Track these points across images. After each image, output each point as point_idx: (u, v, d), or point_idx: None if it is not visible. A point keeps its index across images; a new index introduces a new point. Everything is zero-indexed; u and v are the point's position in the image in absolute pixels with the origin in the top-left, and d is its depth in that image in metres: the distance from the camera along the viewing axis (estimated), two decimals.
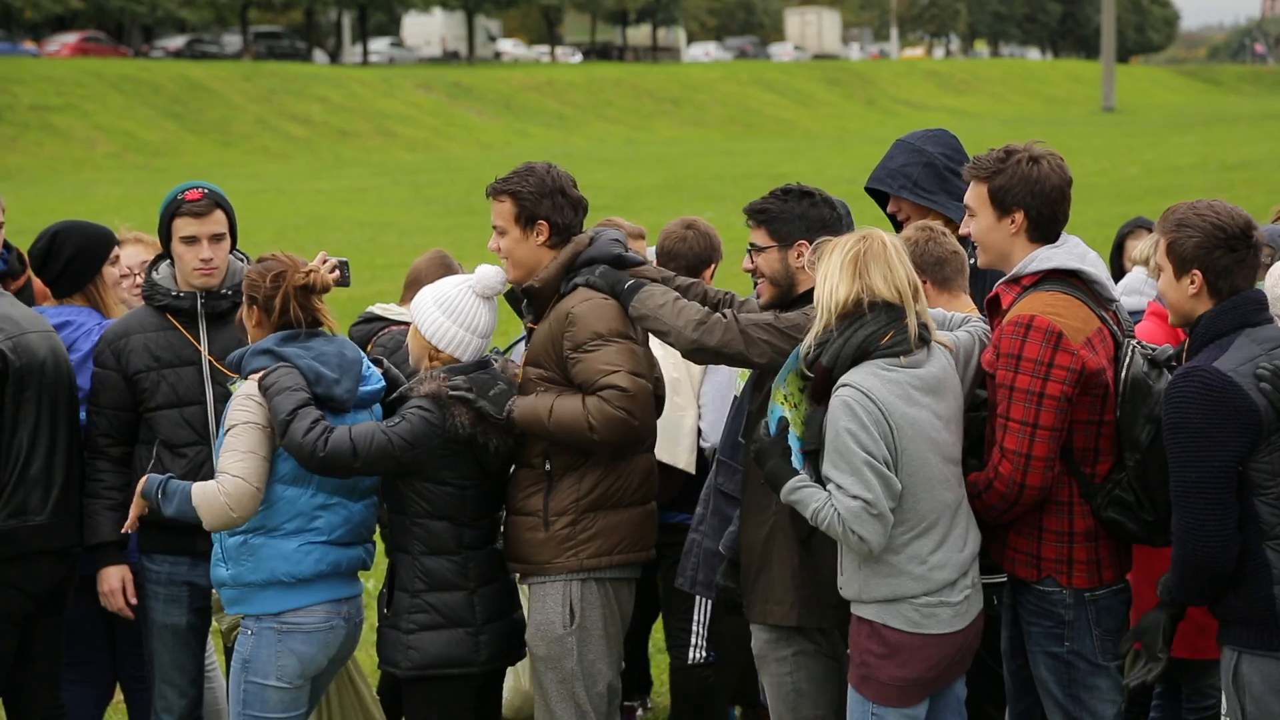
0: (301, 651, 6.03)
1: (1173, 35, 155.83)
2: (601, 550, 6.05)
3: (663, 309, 5.86)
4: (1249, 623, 5.25)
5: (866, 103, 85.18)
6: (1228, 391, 5.11)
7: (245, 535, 5.99)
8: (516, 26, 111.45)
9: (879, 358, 5.40)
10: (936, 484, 5.44)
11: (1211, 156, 46.22)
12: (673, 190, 38.49)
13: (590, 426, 5.85)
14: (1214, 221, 5.30)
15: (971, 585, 5.53)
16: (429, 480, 5.98)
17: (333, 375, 5.98)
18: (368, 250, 27.01)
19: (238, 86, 63.91)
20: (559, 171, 6.15)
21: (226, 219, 6.60)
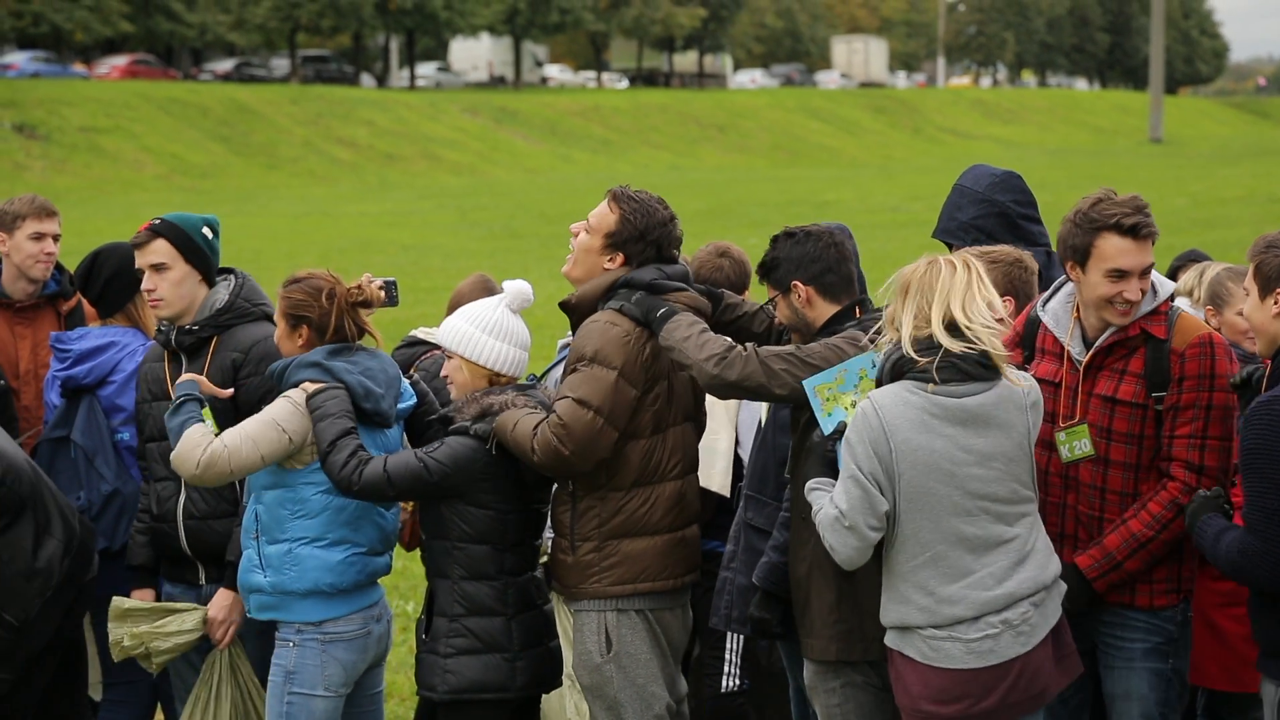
0: (345, 659, 6.10)
1: (1221, 67, 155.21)
2: (624, 579, 6.04)
3: (686, 342, 5.82)
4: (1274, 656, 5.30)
5: (912, 131, 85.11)
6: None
7: (290, 544, 6.06)
8: (563, 52, 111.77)
9: (910, 379, 5.37)
10: (947, 514, 5.35)
11: (1259, 189, 46.00)
12: (717, 217, 38.48)
13: (532, 448, 5.87)
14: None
15: (1002, 625, 5.39)
16: (471, 504, 5.98)
17: (380, 391, 6.08)
18: (412, 273, 27.08)
19: (285, 110, 64.22)
20: (670, 228, 6.10)
21: (174, 249, 6.45)
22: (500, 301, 6.21)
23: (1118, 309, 5.69)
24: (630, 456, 6.01)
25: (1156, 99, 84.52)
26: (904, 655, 5.45)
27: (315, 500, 6.05)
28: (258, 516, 6.14)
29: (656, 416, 6.06)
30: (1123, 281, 5.65)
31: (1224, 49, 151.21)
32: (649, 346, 5.99)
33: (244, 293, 6.50)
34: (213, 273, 6.55)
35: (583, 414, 5.87)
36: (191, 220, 6.52)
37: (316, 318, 6.13)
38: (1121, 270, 5.65)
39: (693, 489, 6.24)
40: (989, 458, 5.41)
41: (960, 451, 5.37)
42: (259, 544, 6.11)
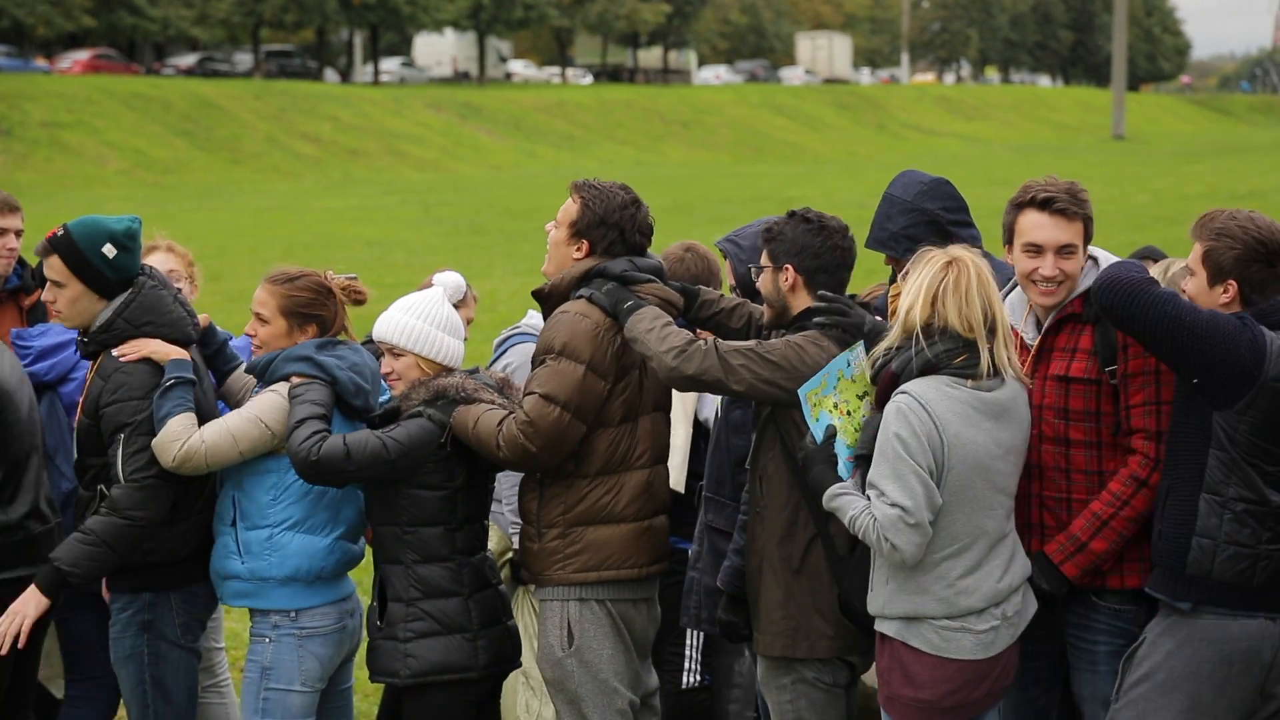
0: (321, 654, 6.11)
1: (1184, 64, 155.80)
2: (589, 565, 6.04)
3: (649, 334, 5.84)
4: (1162, 565, 5.46)
5: (877, 127, 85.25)
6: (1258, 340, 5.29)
7: (272, 529, 6.06)
8: (528, 48, 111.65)
9: (946, 374, 5.41)
10: (978, 508, 5.42)
11: (1221, 186, 46.19)
12: (681, 213, 38.49)
13: (498, 444, 5.88)
14: (1255, 235, 5.41)
15: (1002, 617, 5.48)
16: (419, 487, 5.98)
17: (369, 387, 6.12)
18: (376, 269, 27.01)
19: (248, 105, 64.01)
20: (635, 212, 6.11)
21: (66, 267, 6.18)
22: (441, 295, 6.21)
23: (1038, 288, 5.74)
24: (597, 445, 6.02)
25: (1119, 96, 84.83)
26: (908, 645, 5.46)
27: (299, 484, 6.05)
28: (236, 502, 6.12)
29: (626, 406, 6.06)
30: (1038, 258, 5.70)
31: (1186, 46, 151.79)
32: (619, 337, 6.00)
33: (128, 312, 6.20)
34: (111, 289, 6.23)
35: (550, 410, 5.88)
36: (95, 234, 6.19)
37: (329, 316, 6.20)
38: (1035, 245, 5.71)
39: (661, 479, 6.24)
40: (1009, 451, 5.50)
41: (994, 445, 5.45)
42: (236, 531, 6.10)
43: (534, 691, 7.11)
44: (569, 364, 5.92)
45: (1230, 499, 5.34)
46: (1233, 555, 5.35)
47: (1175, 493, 5.45)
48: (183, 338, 6.28)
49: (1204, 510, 5.37)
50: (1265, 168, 53.84)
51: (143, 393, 6.09)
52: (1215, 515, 5.35)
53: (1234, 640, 5.42)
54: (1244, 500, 5.34)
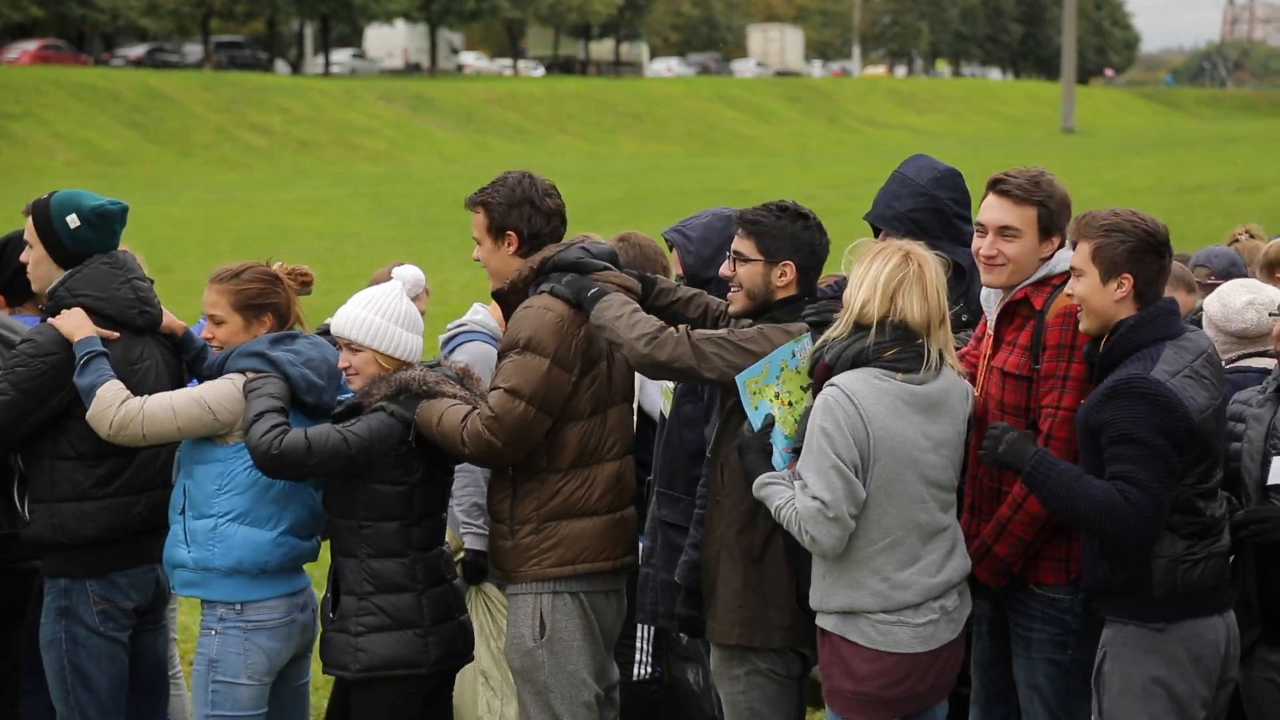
0: (268, 647, 6.09)
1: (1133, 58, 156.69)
2: (564, 559, 6.04)
3: (618, 321, 5.83)
4: (1124, 595, 5.44)
5: (828, 120, 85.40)
6: (1170, 400, 5.27)
7: (217, 520, 6.04)
8: (479, 39, 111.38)
9: (876, 366, 5.40)
10: (909, 502, 5.42)
11: (1169, 178, 46.48)
12: (633, 205, 38.51)
13: (463, 440, 5.88)
14: (1145, 228, 5.43)
15: (941, 611, 5.49)
16: (378, 481, 5.97)
17: (322, 384, 6.11)
18: (326, 261, 26.93)
19: (198, 96, 63.70)
20: (532, 181, 6.15)
21: (34, 229, 6.36)
22: (400, 289, 6.19)
23: (983, 265, 5.80)
24: (568, 439, 6.02)
25: (1069, 89, 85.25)
26: (846, 639, 5.47)
27: (244, 476, 6.03)
28: (186, 491, 6.11)
29: (595, 398, 6.07)
30: (983, 236, 5.76)
31: (1135, 40, 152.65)
32: (584, 330, 6.00)
33: (70, 281, 6.31)
34: (68, 258, 6.35)
35: (514, 405, 5.88)
36: (66, 204, 6.33)
37: (282, 303, 6.19)
38: (980, 224, 5.79)
39: (630, 470, 6.25)
40: (941, 444, 5.49)
41: (923, 438, 5.44)
42: (185, 519, 6.09)
43: (494, 691, 7.11)
44: (534, 358, 5.92)
45: (1175, 524, 5.38)
46: (1188, 569, 5.39)
47: None
48: (123, 320, 6.31)
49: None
50: (1212, 161, 54.19)
51: (41, 346, 6.15)
52: (1166, 539, 5.38)
53: (1200, 638, 5.47)
54: (1185, 521, 5.39)
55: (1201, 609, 5.45)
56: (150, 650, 6.63)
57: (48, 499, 6.31)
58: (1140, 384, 5.30)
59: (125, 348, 6.31)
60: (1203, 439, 5.36)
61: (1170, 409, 5.27)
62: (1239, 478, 5.74)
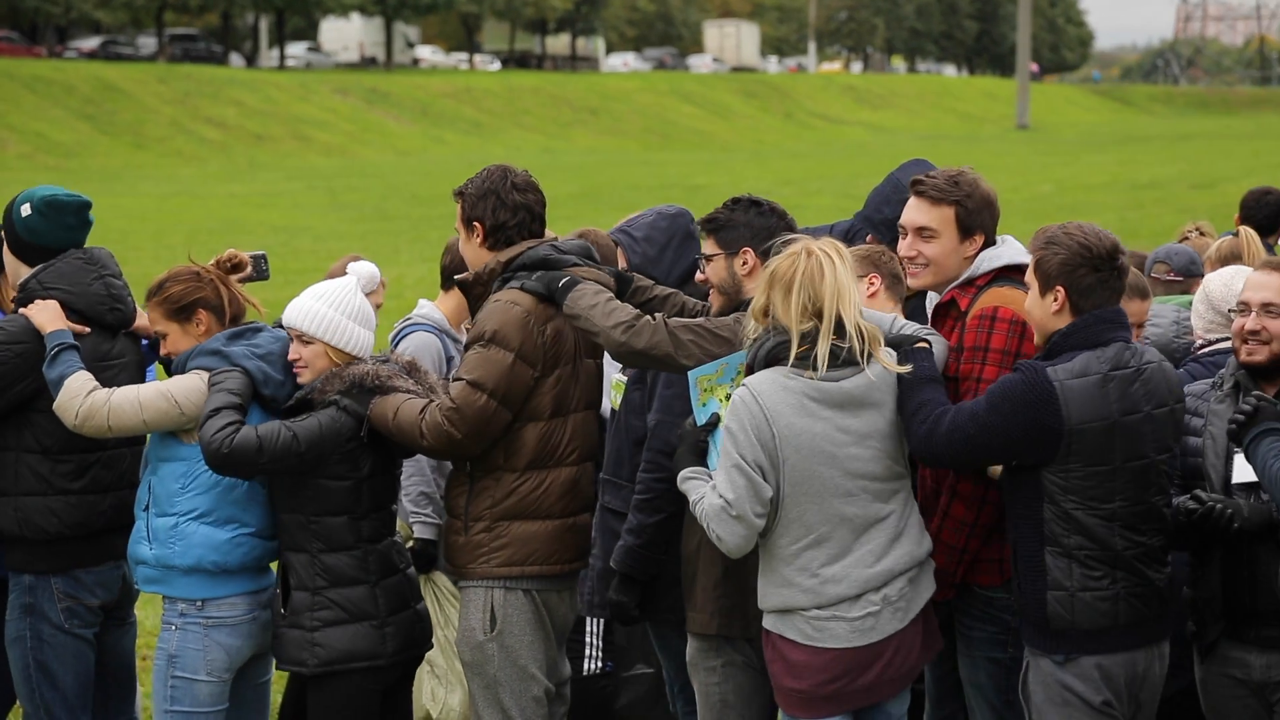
0: (228, 644, 6.06)
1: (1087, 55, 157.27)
2: (513, 560, 6.03)
3: (593, 310, 5.82)
4: (1030, 621, 5.50)
5: (784, 116, 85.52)
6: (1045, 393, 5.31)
7: (178, 518, 6.01)
8: (435, 33, 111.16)
9: (787, 364, 5.40)
10: (831, 496, 5.41)
11: (1123, 175, 46.72)
12: (589, 200, 38.50)
13: (421, 433, 5.87)
14: (1081, 241, 5.44)
15: (883, 602, 5.47)
16: (327, 477, 5.96)
17: (279, 376, 6.07)
18: (282, 255, 26.84)
19: (152, 89, 63.41)
20: (505, 175, 6.14)
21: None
22: (355, 284, 6.18)
23: (905, 267, 5.85)
24: (527, 439, 6.01)
25: (1023, 86, 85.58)
26: (784, 637, 5.48)
27: (207, 475, 6.00)
28: (150, 488, 6.09)
29: (557, 400, 6.05)
30: (904, 238, 5.82)
31: (1089, 37, 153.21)
32: (550, 327, 5.99)
33: (41, 274, 6.32)
34: (27, 251, 6.37)
35: (476, 397, 5.87)
36: (25, 195, 6.40)
37: (211, 297, 6.13)
38: (901, 225, 5.84)
39: (588, 476, 6.23)
40: (866, 437, 5.47)
41: (839, 433, 5.42)
42: (148, 516, 6.07)
43: (439, 680, 7.10)
44: (498, 351, 5.91)
45: (1073, 549, 5.40)
46: (1091, 601, 5.41)
47: (1021, 549, 5.48)
48: (94, 315, 6.31)
49: (1050, 564, 5.41)
50: (1165, 158, 54.51)
51: (10, 335, 6.16)
52: (1062, 568, 5.40)
53: (1126, 668, 5.52)
54: (1084, 548, 5.40)
55: (1111, 646, 5.46)
56: (117, 648, 6.60)
57: (12, 492, 6.28)
58: (1028, 370, 5.37)
59: (96, 344, 6.30)
60: (1088, 448, 5.35)
61: (1040, 402, 5.30)
62: (1201, 474, 5.73)
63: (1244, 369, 5.67)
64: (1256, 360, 5.62)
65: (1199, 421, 5.78)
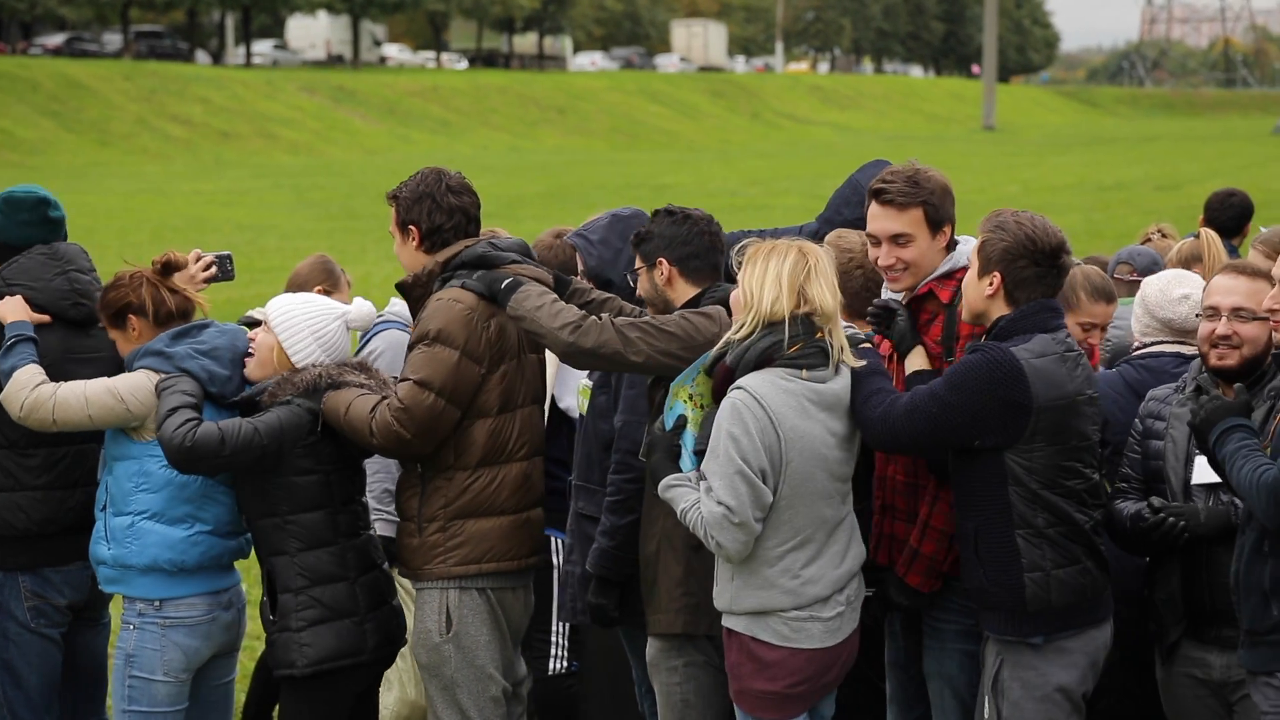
0: (186, 644, 6.03)
1: (1053, 56, 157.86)
2: (470, 558, 6.03)
3: (539, 311, 5.81)
4: (1000, 609, 5.47)
5: (751, 116, 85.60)
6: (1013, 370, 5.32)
7: (134, 518, 6.00)
8: (402, 31, 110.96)
9: (781, 366, 5.40)
10: (818, 499, 5.43)
11: (1088, 177, 46.89)
12: (556, 199, 38.48)
13: (371, 431, 5.87)
14: (1028, 233, 5.46)
15: (846, 602, 5.51)
16: (293, 474, 5.95)
17: (225, 372, 6.06)
18: (248, 253, 26.77)
19: (118, 86, 63.18)
20: (439, 177, 6.15)
21: None
22: (343, 315, 6.19)
23: (884, 275, 5.84)
24: (476, 436, 6.01)
25: (989, 87, 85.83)
26: (757, 639, 5.46)
27: (159, 474, 5.99)
28: (107, 488, 6.08)
29: (504, 395, 6.05)
30: (878, 248, 5.80)
31: (1055, 39, 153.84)
32: (494, 323, 5.98)
33: (5, 270, 6.35)
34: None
35: (424, 396, 5.87)
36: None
37: (137, 300, 6.11)
38: (872, 235, 5.83)
39: (538, 471, 6.24)
40: (845, 440, 5.52)
41: (829, 435, 5.45)
42: (106, 515, 6.06)
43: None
44: (443, 349, 5.91)
45: (1043, 528, 5.41)
46: (1065, 579, 5.43)
47: (986, 535, 5.46)
48: (56, 310, 6.30)
49: (1024, 547, 5.41)
50: (1131, 159, 54.73)
51: None
52: (1036, 548, 5.41)
53: (1093, 642, 5.55)
54: (1054, 527, 5.42)
55: (1084, 621, 5.50)
56: (89, 648, 6.58)
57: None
58: (991, 349, 5.38)
59: (63, 338, 6.30)
60: (1053, 424, 5.37)
61: (1009, 380, 5.32)
62: (1162, 477, 5.77)
63: (1211, 373, 5.68)
64: (1228, 365, 5.62)
65: (1161, 425, 5.81)
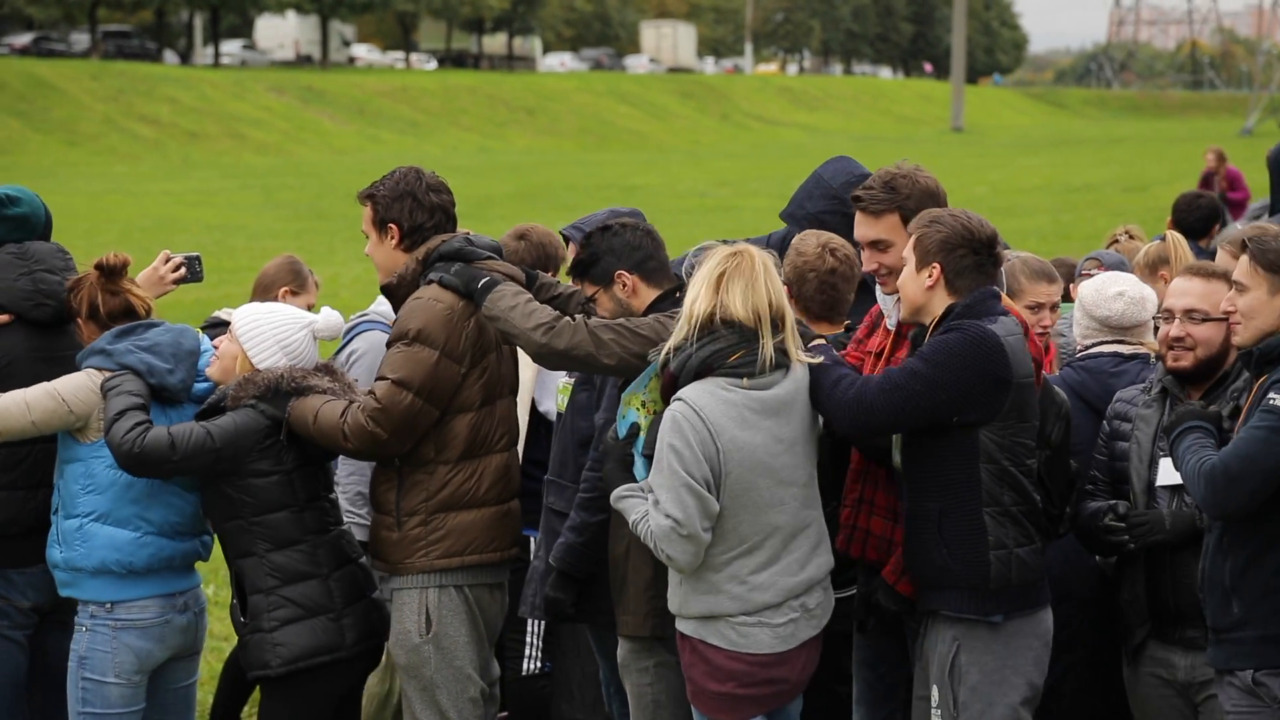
0: (137, 646, 6.00)
1: (1021, 58, 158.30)
2: (452, 550, 6.01)
3: (512, 311, 5.81)
4: (961, 588, 5.47)
5: (720, 117, 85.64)
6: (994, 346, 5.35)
7: (82, 519, 5.97)
8: (371, 32, 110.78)
9: (721, 375, 5.38)
10: (763, 507, 5.41)
11: (1056, 178, 47.04)
12: (525, 200, 38.46)
13: (344, 435, 5.85)
14: (963, 224, 5.51)
15: (801, 610, 5.49)
16: (253, 475, 5.91)
17: (165, 365, 6.01)
18: (216, 253, 26.71)
19: (85, 85, 62.95)
20: (419, 176, 6.15)
21: None
22: (310, 324, 6.17)
23: (876, 279, 5.87)
24: (459, 430, 6.00)
25: (958, 88, 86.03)
26: (706, 642, 5.46)
27: (103, 475, 5.96)
28: (59, 490, 6.06)
29: (485, 389, 6.04)
30: (864, 254, 5.84)
31: (1023, 40, 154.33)
32: (473, 321, 5.98)
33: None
34: None
35: (402, 397, 5.85)
36: None
37: (74, 305, 6.15)
38: (857, 241, 5.87)
39: (516, 462, 6.24)
40: (794, 443, 5.49)
41: (775, 442, 5.43)
42: (58, 519, 6.04)
43: None
44: (423, 349, 5.90)
45: (1009, 506, 5.44)
46: (1024, 557, 5.45)
47: (952, 514, 5.46)
48: (16, 310, 6.27)
49: (990, 525, 5.43)
50: (1098, 160, 54.92)
51: None
52: (1001, 526, 5.43)
53: (1043, 622, 5.57)
54: (1017, 505, 5.45)
55: (1035, 600, 5.52)
56: (59, 650, 6.54)
57: None
58: (971, 327, 5.40)
59: (29, 337, 6.27)
60: (1019, 401, 5.41)
61: (992, 355, 5.34)
62: (1126, 478, 5.81)
63: (1169, 375, 5.76)
64: (1182, 366, 5.72)
65: (1127, 426, 5.86)
